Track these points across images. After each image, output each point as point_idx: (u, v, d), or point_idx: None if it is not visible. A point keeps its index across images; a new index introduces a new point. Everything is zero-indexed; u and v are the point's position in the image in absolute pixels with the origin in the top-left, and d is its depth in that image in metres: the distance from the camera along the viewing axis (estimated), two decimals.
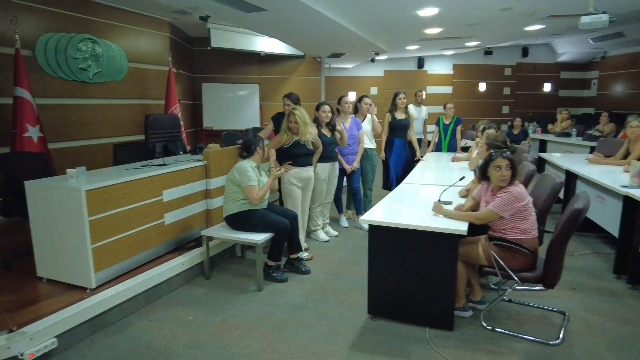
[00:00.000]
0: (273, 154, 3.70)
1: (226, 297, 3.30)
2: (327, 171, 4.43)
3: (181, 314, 3.05)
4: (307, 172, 4.04)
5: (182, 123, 6.25)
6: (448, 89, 12.34)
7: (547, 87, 12.78)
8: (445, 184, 3.42)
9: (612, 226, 3.65)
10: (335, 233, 4.73)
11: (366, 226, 4.69)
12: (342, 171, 4.82)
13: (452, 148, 6.07)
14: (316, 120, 4.37)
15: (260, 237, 3.36)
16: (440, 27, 7.17)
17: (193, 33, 8.12)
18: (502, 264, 2.58)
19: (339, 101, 4.85)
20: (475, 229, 2.83)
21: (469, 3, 5.53)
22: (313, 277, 3.65)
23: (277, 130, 4.39)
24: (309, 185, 4.11)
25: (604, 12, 4.83)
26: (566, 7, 5.80)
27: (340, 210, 5.21)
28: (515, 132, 8.08)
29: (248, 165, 3.47)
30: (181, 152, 5.02)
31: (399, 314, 2.86)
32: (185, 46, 8.09)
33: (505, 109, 12.60)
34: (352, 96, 10.27)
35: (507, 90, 12.61)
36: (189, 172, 3.78)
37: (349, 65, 11.71)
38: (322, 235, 4.57)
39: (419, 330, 2.75)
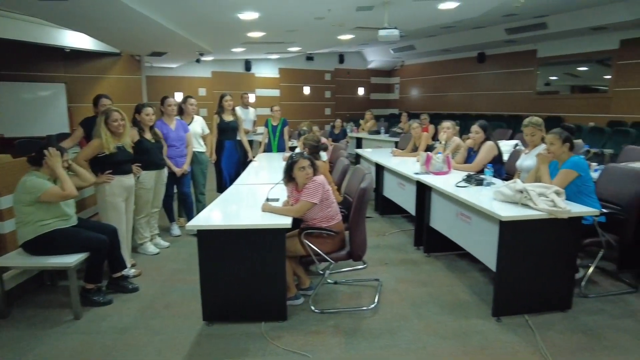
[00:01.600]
0: (77, 168, 3.24)
1: (33, 334, 2.80)
2: (153, 179, 4.13)
3: None
4: (130, 180, 3.70)
5: None
6: (276, 92, 12.87)
7: (361, 91, 14.47)
8: (275, 182, 3.57)
9: (411, 207, 4.36)
10: (166, 244, 4.45)
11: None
12: (172, 176, 4.57)
13: (281, 148, 6.35)
14: (137, 124, 4.03)
15: (71, 260, 2.93)
16: (263, 32, 7.42)
17: None
18: (317, 249, 2.85)
19: (162, 102, 4.59)
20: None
21: (286, 10, 5.86)
22: (142, 294, 3.37)
23: (88, 137, 3.89)
24: (131, 195, 3.77)
25: (395, 28, 5.72)
26: (369, 21, 6.66)
27: (171, 219, 4.94)
28: (337, 132, 8.93)
29: (35, 179, 2.91)
30: None
31: (235, 315, 2.87)
32: None
33: (328, 111, 13.81)
34: (178, 97, 9.82)
35: (328, 94, 13.82)
36: None
37: (174, 65, 11.17)
38: (151, 248, 4.25)
39: (256, 326, 2.81)
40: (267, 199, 3.18)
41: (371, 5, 5.59)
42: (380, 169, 5.38)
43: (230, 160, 5.49)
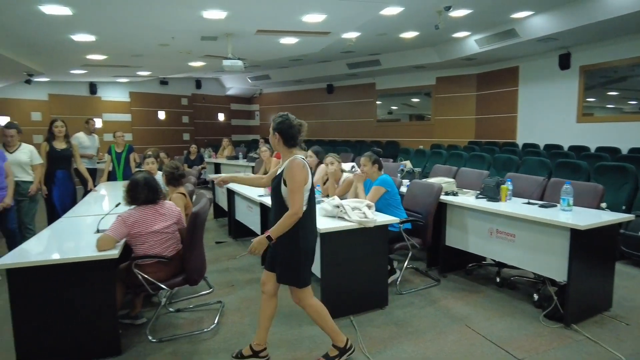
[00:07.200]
0: None
1: None
2: None
3: None
4: None
5: None
6: (127, 117, 12.13)
7: (221, 117, 14.52)
8: (114, 212, 3.41)
9: (258, 228, 4.56)
10: None
11: None
12: None
13: (127, 176, 6.01)
14: None
15: None
16: (104, 55, 7.04)
17: None
18: (150, 278, 2.79)
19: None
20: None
21: (125, 35, 5.70)
22: None
23: None
24: None
25: (239, 59, 6.02)
26: (216, 50, 6.85)
27: None
28: (192, 157, 8.81)
29: None
30: None
31: (60, 357, 2.64)
32: None
33: (186, 136, 13.50)
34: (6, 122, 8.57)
35: (186, 119, 13.54)
36: None
37: None
38: None
39: None
40: (97, 230, 3.04)
41: (215, 36, 5.80)
42: (231, 193, 5.50)
43: (63, 191, 5.02)
